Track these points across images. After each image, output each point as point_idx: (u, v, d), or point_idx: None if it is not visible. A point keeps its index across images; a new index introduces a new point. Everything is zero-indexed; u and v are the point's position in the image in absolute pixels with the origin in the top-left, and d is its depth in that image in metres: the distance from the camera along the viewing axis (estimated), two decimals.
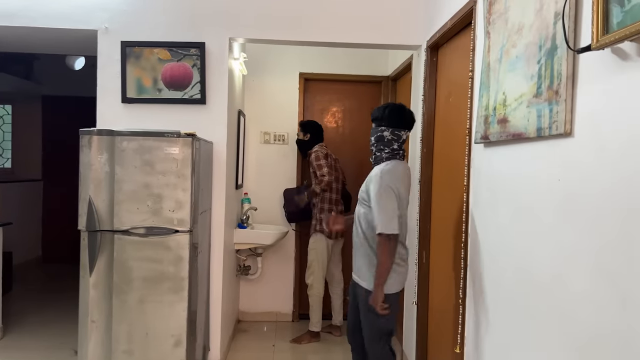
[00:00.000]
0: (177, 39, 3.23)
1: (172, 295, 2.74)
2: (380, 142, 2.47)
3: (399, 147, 2.50)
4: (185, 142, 2.75)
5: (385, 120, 2.47)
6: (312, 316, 4.09)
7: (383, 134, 2.46)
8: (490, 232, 2.13)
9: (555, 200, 1.59)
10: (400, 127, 2.49)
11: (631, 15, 1.16)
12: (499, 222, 2.03)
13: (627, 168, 1.25)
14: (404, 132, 2.51)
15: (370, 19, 3.32)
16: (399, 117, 2.49)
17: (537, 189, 1.71)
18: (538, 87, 1.66)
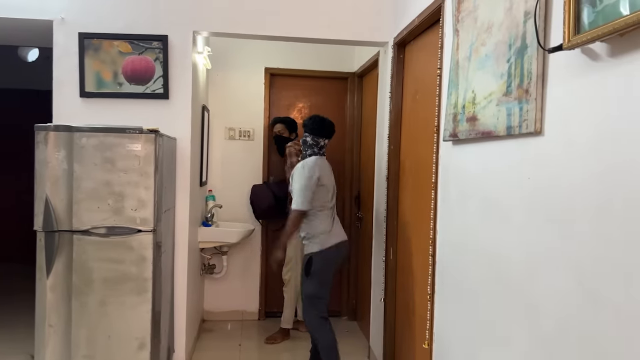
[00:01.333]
0: (138, 32, 3.12)
1: (135, 297, 2.65)
2: (305, 145, 3.14)
3: (319, 150, 3.13)
4: (148, 139, 2.66)
5: (308, 128, 3.12)
6: (285, 313, 4.06)
7: (306, 139, 3.13)
8: (459, 228, 2.14)
9: (525, 197, 1.61)
10: (320, 136, 3.11)
11: (603, 16, 1.17)
12: (467, 219, 2.04)
13: (596, 166, 1.27)
14: (322, 139, 3.13)
15: (337, 15, 3.29)
16: (320, 127, 3.11)
17: (507, 186, 1.72)
18: (508, 86, 1.67)
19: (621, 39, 1.19)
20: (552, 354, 1.44)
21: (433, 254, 2.39)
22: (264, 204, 4.16)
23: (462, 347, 2.08)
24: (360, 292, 4.29)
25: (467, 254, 2.04)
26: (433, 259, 2.39)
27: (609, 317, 1.21)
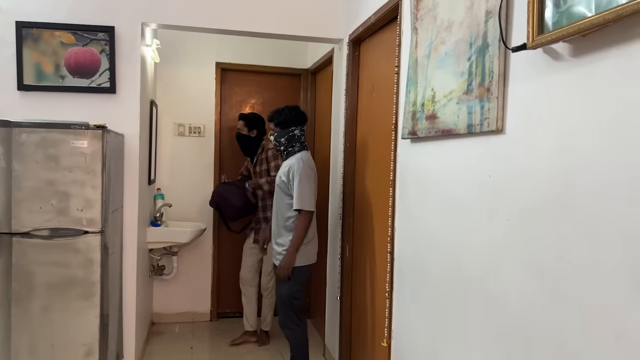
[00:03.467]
0: (83, 22, 2.95)
1: (82, 302, 2.51)
2: (292, 140, 2.89)
3: (305, 140, 2.98)
4: (95, 135, 2.52)
5: (293, 122, 2.89)
6: (267, 316, 3.94)
7: (294, 132, 2.89)
8: (418, 226, 2.15)
9: (486, 195, 1.62)
10: (304, 124, 2.96)
11: (567, 16, 1.19)
12: (427, 216, 2.06)
13: (556, 165, 1.30)
14: (305, 126, 2.98)
15: (291, 10, 3.25)
16: (301, 115, 2.94)
17: (468, 184, 1.74)
18: (469, 84, 1.68)
19: (583, 39, 1.21)
20: (512, 349, 1.46)
21: (391, 251, 2.39)
22: (239, 203, 3.74)
23: (422, 343, 2.09)
24: (314, 289, 4.27)
25: (426, 252, 2.06)
26: (391, 257, 2.40)
27: (568, 313, 1.24)
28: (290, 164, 2.83)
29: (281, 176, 2.87)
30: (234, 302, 4.36)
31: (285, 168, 2.85)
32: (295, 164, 2.79)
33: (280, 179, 2.88)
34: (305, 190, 2.75)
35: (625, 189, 1.09)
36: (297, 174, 2.76)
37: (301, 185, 2.75)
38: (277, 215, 2.90)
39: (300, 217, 2.77)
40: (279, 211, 2.88)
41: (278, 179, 2.90)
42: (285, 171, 2.83)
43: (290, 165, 2.82)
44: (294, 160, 2.83)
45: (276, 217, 2.92)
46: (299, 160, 2.81)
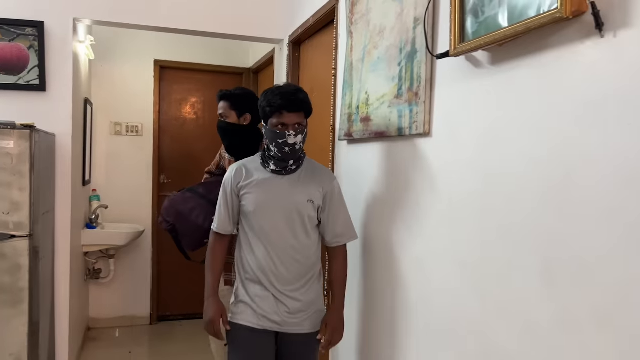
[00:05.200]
0: (9, 16, 2.82)
1: (8, 309, 2.40)
2: (304, 139, 1.87)
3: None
4: (22, 135, 2.41)
5: (307, 105, 1.86)
6: None
7: (306, 129, 1.88)
8: (355, 226, 2.19)
9: (416, 195, 1.68)
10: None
11: (485, 27, 1.26)
12: (362, 216, 2.10)
13: (479, 167, 1.37)
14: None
15: (231, 9, 3.22)
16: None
17: (399, 185, 1.80)
18: (399, 89, 1.74)
19: (500, 48, 1.28)
20: (443, 345, 1.53)
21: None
22: (204, 222, 2.30)
23: (356, 341, 2.14)
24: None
25: (360, 251, 2.11)
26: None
27: (492, 310, 1.31)
28: (320, 178, 1.92)
29: (311, 197, 1.87)
30: (175, 305, 4.29)
31: (315, 185, 1.89)
32: (328, 178, 1.94)
33: (306, 201, 1.87)
34: (347, 215, 1.98)
35: (537, 191, 1.16)
36: (337, 193, 1.94)
37: (344, 206, 1.97)
38: (293, 257, 1.86)
39: (344, 252, 1.98)
40: (298, 252, 1.87)
41: (301, 201, 1.86)
42: (319, 190, 1.89)
43: (322, 181, 1.91)
44: (320, 171, 1.95)
45: (290, 261, 1.86)
46: (326, 172, 1.99)
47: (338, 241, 1.94)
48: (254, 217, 1.87)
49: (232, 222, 1.96)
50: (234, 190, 1.92)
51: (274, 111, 1.80)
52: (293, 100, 1.79)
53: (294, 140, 1.81)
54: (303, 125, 1.84)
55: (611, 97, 0.98)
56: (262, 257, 1.86)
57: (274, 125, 1.81)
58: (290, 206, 1.85)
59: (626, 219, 0.95)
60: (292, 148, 1.82)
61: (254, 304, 1.88)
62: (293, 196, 1.86)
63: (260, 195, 1.86)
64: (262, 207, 1.86)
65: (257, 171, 1.91)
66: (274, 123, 1.81)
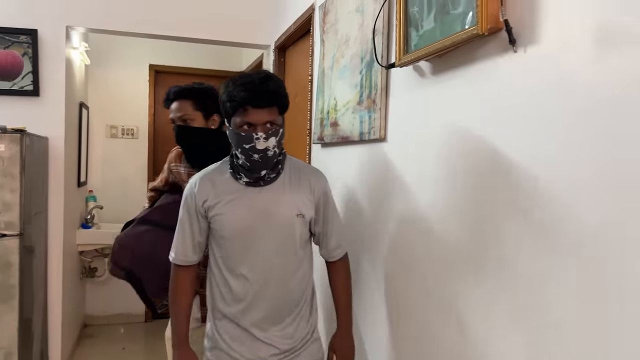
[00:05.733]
0: (4, 24, 2.94)
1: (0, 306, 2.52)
2: (281, 141, 1.49)
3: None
4: (13, 139, 2.53)
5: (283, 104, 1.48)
6: None
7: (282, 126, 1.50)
8: None
9: (377, 197, 1.77)
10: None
11: (424, 39, 1.34)
12: None
13: (423, 169, 1.45)
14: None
15: (220, 16, 3.32)
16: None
17: (363, 187, 1.89)
18: (360, 96, 1.83)
19: (440, 60, 1.37)
20: (375, 309, 1.62)
21: None
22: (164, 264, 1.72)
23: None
24: None
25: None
26: None
27: (415, 278, 1.40)
28: (308, 182, 1.56)
29: (300, 211, 1.53)
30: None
31: (304, 193, 1.55)
32: (317, 179, 1.59)
33: (297, 210, 1.52)
34: (340, 225, 1.68)
35: (467, 185, 1.25)
36: (328, 196, 1.61)
37: (337, 213, 1.66)
38: (280, 287, 1.53)
39: (347, 264, 1.68)
40: (287, 279, 1.54)
41: (289, 217, 1.51)
42: (309, 198, 1.55)
43: (312, 185, 1.57)
44: (307, 173, 1.60)
45: (277, 291, 1.53)
46: (314, 172, 1.64)
47: (337, 254, 1.62)
48: (229, 244, 1.48)
49: (197, 249, 1.54)
50: (199, 210, 1.50)
51: (236, 107, 1.37)
52: (260, 92, 1.36)
53: (265, 145, 1.38)
54: (277, 124, 1.42)
55: (523, 104, 1.07)
56: (240, 290, 1.49)
57: (238, 125, 1.39)
58: (276, 226, 1.47)
59: (532, 202, 1.03)
60: (263, 154, 1.39)
61: (232, 350, 1.52)
62: (278, 213, 1.47)
63: (236, 217, 1.46)
64: (240, 230, 1.46)
65: (227, 184, 1.49)
66: (237, 123, 1.39)
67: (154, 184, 2.18)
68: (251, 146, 1.38)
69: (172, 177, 2.08)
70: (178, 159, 2.03)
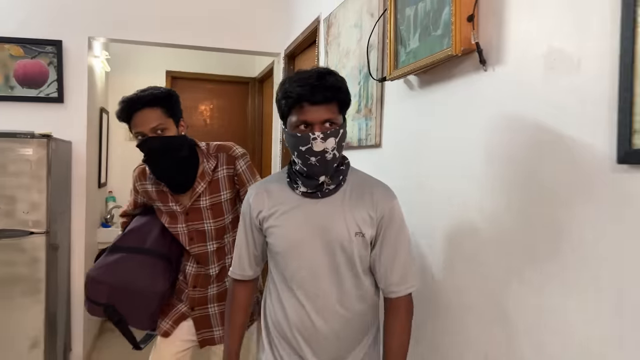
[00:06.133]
0: (31, 36, 3.14)
1: (27, 298, 2.71)
2: (342, 143, 1.30)
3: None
4: (40, 143, 2.72)
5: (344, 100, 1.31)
6: None
7: (344, 127, 1.31)
8: None
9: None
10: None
11: (410, 57, 1.49)
12: None
13: (415, 172, 1.60)
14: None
15: (234, 25, 3.49)
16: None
17: None
18: (359, 105, 1.98)
19: (425, 75, 1.51)
20: None
21: None
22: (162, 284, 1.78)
23: None
24: None
25: None
26: None
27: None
28: (371, 198, 1.34)
29: (360, 229, 1.31)
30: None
31: (365, 209, 1.33)
32: (383, 196, 1.35)
33: (356, 228, 1.31)
34: (411, 253, 1.38)
35: (449, 187, 1.39)
36: (398, 218, 1.35)
37: (406, 244, 1.36)
38: (339, 314, 1.34)
39: (410, 305, 1.36)
40: (347, 307, 1.35)
41: (347, 234, 1.31)
42: (370, 214, 1.32)
43: (375, 201, 1.34)
44: (371, 187, 1.37)
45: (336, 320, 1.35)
46: (381, 187, 1.38)
47: (400, 290, 1.33)
48: (283, 260, 1.35)
49: (254, 263, 1.46)
50: (254, 222, 1.40)
51: (292, 105, 1.26)
52: (318, 86, 1.23)
53: (323, 146, 1.24)
54: (336, 124, 1.27)
55: (492, 115, 1.21)
56: (294, 313, 1.35)
57: (294, 125, 1.27)
58: (332, 243, 1.30)
59: (494, 184, 1.17)
60: (321, 157, 1.25)
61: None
62: (335, 228, 1.30)
63: (290, 230, 1.33)
64: (294, 246, 1.33)
65: (283, 194, 1.36)
66: (293, 122, 1.27)
67: (122, 210, 2.10)
68: (308, 148, 1.24)
69: (141, 198, 1.93)
70: (142, 177, 1.87)
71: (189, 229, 1.77)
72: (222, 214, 1.78)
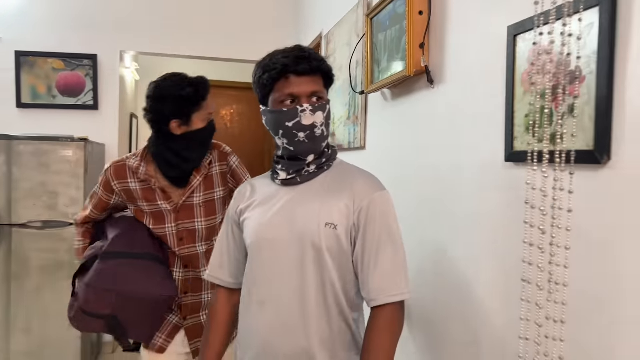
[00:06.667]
0: (71, 51, 3.56)
1: (67, 281, 3.07)
2: (328, 122, 1.21)
3: None
4: (79, 146, 3.12)
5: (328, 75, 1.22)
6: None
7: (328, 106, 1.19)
8: None
9: None
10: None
11: (382, 74, 1.80)
12: None
13: (393, 171, 1.90)
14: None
15: (249, 40, 3.86)
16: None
17: None
18: (349, 112, 2.29)
19: (395, 89, 1.82)
20: None
21: None
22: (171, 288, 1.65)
23: None
24: None
25: None
26: None
27: None
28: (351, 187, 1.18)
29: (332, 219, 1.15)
30: None
31: (341, 198, 1.16)
32: (364, 186, 1.19)
33: (327, 218, 1.14)
34: (402, 258, 1.17)
35: (416, 181, 1.70)
36: (381, 212, 1.16)
37: (396, 242, 1.16)
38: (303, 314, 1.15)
39: (397, 315, 1.14)
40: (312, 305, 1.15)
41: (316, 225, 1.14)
42: (346, 204, 1.16)
43: (354, 191, 1.17)
44: (353, 176, 1.22)
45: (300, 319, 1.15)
46: (365, 177, 1.24)
47: (373, 298, 1.12)
48: (250, 257, 1.22)
49: (235, 268, 1.30)
50: (235, 217, 1.28)
51: (276, 76, 1.14)
52: (302, 57, 1.14)
53: (312, 120, 1.12)
54: (323, 98, 1.16)
55: (437, 124, 1.51)
56: (255, 321, 1.19)
57: (278, 101, 1.15)
58: (301, 235, 1.14)
59: (440, 185, 1.47)
60: (310, 132, 1.13)
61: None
62: (304, 217, 1.15)
63: (260, 221, 1.19)
64: (261, 238, 1.18)
65: (264, 186, 1.26)
66: (277, 98, 1.15)
67: (83, 216, 1.81)
68: (296, 122, 1.11)
69: (115, 199, 1.73)
70: (122, 175, 1.70)
71: (179, 228, 1.65)
72: (214, 213, 1.69)
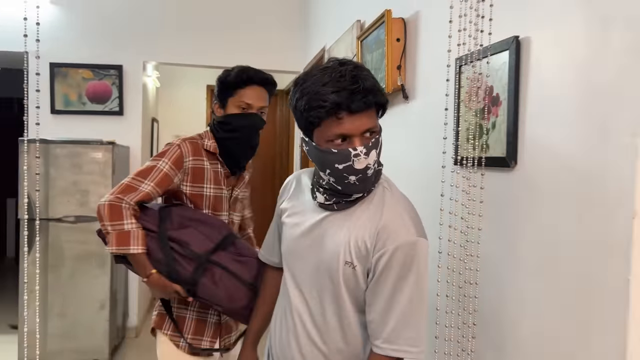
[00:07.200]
0: (99, 62, 3.92)
1: (98, 269, 3.47)
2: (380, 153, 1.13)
3: None
4: (107, 149, 3.48)
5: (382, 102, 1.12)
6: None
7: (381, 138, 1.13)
8: None
9: None
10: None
11: None
12: None
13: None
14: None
15: (260, 48, 4.18)
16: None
17: None
18: None
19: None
20: None
21: None
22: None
23: None
24: None
25: None
26: None
27: None
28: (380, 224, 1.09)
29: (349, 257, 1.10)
30: None
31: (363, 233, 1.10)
32: (395, 231, 1.09)
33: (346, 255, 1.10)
34: (419, 313, 1.09)
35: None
36: (398, 268, 1.07)
37: (414, 298, 1.08)
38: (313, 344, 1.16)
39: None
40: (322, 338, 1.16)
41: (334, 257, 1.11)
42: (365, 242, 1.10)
43: (381, 232, 1.09)
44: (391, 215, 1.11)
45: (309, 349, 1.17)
46: (405, 217, 1.12)
47: (378, 346, 1.08)
48: (284, 262, 1.23)
49: (275, 249, 1.32)
50: (278, 212, 1.29)
51: (325, 116, 1.02)
52: (356, 91, 1.01)
53: (365, 163, 1.03)
54: (376, 132, 1.08)
55: (413, 128, 1.82)
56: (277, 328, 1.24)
57: (327, 139, 1.04)
58: (322, 268, 1.11)
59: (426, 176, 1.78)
60: (362, 175, 1.04)
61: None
62: (329, 250, 1.10)
63: (291, 232, 1.20)
64: (292, 251, 1.19)
65: (305, 189, 1.23)
66: (326, 136, 1.04)
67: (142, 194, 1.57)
68: (347, 166, 1.02)
69: (179, 178, 1.60)
70: (197, 152, 1.63)
71: (230, 218, 1.69)
72: (242, 210, 1.78)
